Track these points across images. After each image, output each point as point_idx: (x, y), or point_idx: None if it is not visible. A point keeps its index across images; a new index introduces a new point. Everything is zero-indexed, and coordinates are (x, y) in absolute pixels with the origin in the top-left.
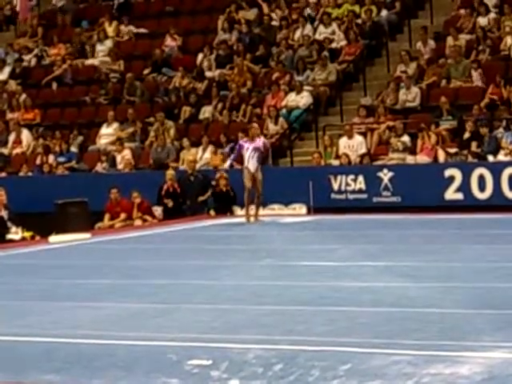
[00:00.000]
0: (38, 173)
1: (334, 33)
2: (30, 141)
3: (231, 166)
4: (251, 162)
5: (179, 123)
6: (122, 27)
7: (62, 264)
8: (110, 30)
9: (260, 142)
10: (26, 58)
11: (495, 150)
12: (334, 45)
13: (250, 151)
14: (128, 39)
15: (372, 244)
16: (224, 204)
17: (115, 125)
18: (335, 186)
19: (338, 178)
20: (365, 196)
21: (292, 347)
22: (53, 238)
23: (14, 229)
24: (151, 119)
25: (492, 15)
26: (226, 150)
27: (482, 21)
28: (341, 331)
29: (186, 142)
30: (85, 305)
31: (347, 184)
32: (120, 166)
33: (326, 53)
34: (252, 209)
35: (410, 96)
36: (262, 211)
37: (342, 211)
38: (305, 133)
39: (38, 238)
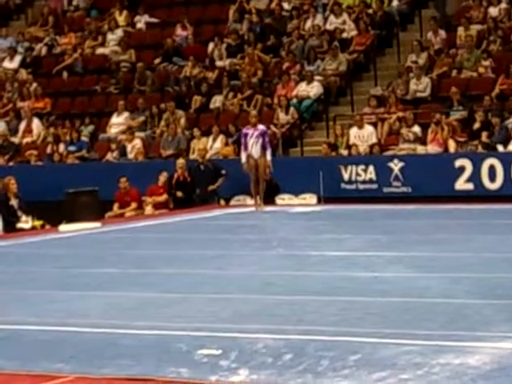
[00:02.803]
0: (49, 162)
1: (344, 23)
2: (41, 130)
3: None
4: (254, 149)
5: (190, 113)
6: (138, 17)
7: (72, 253)
8: (121, 19)
9: (260, 128)
10: (37, 47)
11: (505, 140)
12: (344, 35)
13: (253, 138)
14: (139, 28)
15: (382, 234)
16: (268, 193)
17: (126, 114)
18: (345, 176)
19: (349, 168)
20: (375, 186)
21: (302, 337)
22: (63, 227)
23: (24, 218)
24: (162, 106)
25: (503, 5)
26: (234, 138)
27: (493, 11)
28: (351, 321)
29: (196, 131)
30: (94, 294)
31: (357, 174)
32: (130, 156)
33: (336, 43)
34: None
35: (421, 86)
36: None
37: (352, 201)
38: (315, 123)
39: (48, 226)
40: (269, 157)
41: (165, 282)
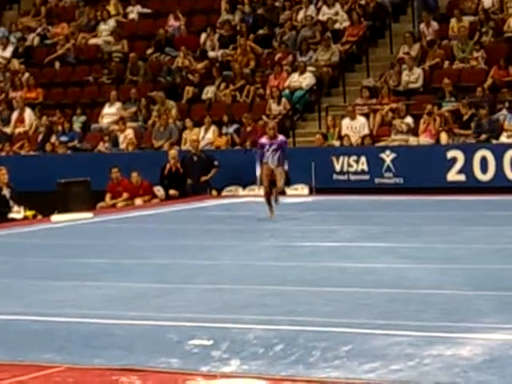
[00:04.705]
0: (41, 152)
1: (337, 14)
2: (33, 120)
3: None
4: (270, 160)
5: (182, 103)
6: (130, 7)
7: (64, 243)
8: (113, 9)
9: (279, 140)
10: (29, 37)
11: (496, 131)
12: (337, 26)
13: (270, 151)
14: (131, 19)
15: (374, 225)
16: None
17: (118, 104)
18: (337, 167)
19: (341, 158)
20: (367, 177)
21: (293, 328)
22: (55, 217)
23: (16, 208)
24: (154, 94)
25: None
26: (253, 152)
27: (486, 2)
28: (342, 312)
29: (188, 122)
30: (86, 284)
31: (349, 165)
32: (122, 146)
33: (329, 34)
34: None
35: (413, 77)
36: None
37: (343, 192)
38: (307, 113)
39: (40, 217)
40: (286, 167)
41: (157, 272)
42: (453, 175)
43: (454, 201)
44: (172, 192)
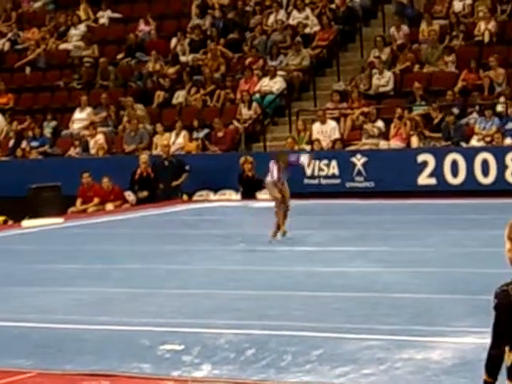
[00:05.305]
0: (11, 157)
1: (307, 18)
2: (3, 125)
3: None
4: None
5: (152, 108)
6: (101, 12)
7: (35, 249)
8: (83, 14)
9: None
10: (0, 42)
11: (465, 135)
12: (307, 30)
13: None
14: (102, 24)
15: (345, 229)
16: (249, 189)
17: (88, 109)
18: (308, 171)
19: (311, 163)
20: (338, 181)
21: (265, 332)
22: (26, 223)
23: None
24: (123, 99)
25: (468, 1)
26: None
27: (457, 6)
28: (314, 316)
29: (159, 126)
30: (57, 289)
31: (320, 169)
32: (93, 151)
33: (299, 38)
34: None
35: (383, 81)
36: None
37: (314, 196)
38: (278, 118)
39: (10, 222)
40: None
41: (128, 277)
42: (424, 179)
43: (425, 204)
44: (142, 194)
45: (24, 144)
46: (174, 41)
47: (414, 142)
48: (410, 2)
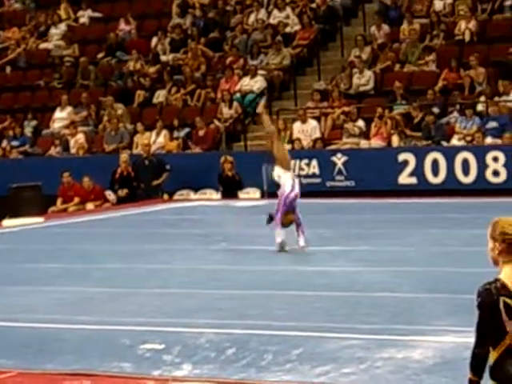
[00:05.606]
0: None
1: (288, 17)
2: None
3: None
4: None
5: (133, 107)
6: (81, 11)
7: (16, 248)
8: (63, 13)
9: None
10: None
11: (446, 134)
12: (288, 29)
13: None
14: (82, 23)
15: (326, 228)
16: (229, 188)
17: (69, 109)
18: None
19: (292, 162)
20: (318, 180)
21: (245, 331)
22: (6, 222)
23: None
24: (103, 99)
25: (448, 0)
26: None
27: (438, 5)
28: (295, 315)
29: (139, 126)
30: (38, 289)
31: (301, 168)
32: (73, 150)
33: (280, 37)
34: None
35: (364, 79)
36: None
37: None
38: (258, 117)
39: None
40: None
41: (109, 276)
42: (404, 178)
43: (406, 204)
44: (121, 192)
45: (4, 143)
46: (154, 40)
47: (395, 141)
48: (393, 3)
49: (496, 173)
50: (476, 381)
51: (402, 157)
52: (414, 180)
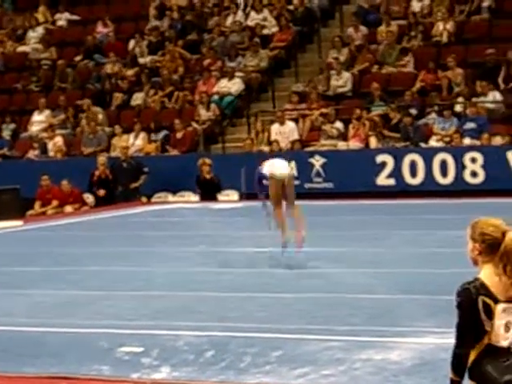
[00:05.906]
0: None
1: (265, 19)
2: None
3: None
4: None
5: (111, 110)
6: (58, 14)
7: None
8: (41, 16)
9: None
10: None
11: (425, 135)
12: (265, 31)
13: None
14: (60, 26)
15: (304, 230)
16: (208, 191)
17: (47, 112)
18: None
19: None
20: (297, 182)
21: (224, 334)
22: None
23: None
24: (81, 102)
25: (426, 1)
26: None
27: (415, 6)
28: (273, 317)
29: (117, 128)
30: (16, 292)
31: None
32: (51, 153)
33: (257, 39)
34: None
35: (342, 81)
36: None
37: None
38: (236, 119)
39: None
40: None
41: (87, 279)
42: (382, 179)
43: (384, 205)
44: (99, 193)
45: None
46: (132, 43)
47: (373, 142)
48: (370, 5)
49: (474, 174)
50: (458, 381)
51: (380, 158)
52: (392, 181)
